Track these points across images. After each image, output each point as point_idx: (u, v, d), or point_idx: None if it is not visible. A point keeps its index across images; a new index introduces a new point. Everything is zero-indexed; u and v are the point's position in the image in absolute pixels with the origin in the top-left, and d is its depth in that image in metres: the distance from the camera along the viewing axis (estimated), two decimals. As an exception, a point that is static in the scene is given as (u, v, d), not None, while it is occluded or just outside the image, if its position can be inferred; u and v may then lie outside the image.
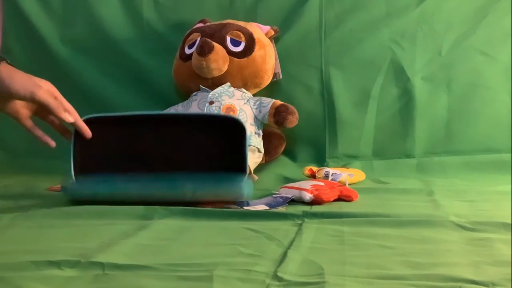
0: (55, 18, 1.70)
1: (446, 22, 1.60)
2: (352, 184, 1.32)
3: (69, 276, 0.68)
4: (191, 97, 1.51)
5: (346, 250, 0.79)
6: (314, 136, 1.60)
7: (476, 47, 1.59)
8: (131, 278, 0.67)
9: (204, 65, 1.43)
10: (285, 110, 1.44)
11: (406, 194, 1.22)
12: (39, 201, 1.12)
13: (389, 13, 1.61)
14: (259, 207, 1.06)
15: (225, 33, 1.49)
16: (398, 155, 1.58)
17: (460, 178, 1.43)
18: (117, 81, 1.67)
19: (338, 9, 1.62)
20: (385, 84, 1.59)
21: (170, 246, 0.82)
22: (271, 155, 1.54)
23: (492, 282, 0.64)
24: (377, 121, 1.59)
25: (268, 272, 0.68)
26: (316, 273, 0.68)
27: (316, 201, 1.11)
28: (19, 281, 0.65)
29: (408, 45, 1.60)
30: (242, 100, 1.47)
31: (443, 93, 1.59)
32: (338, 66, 1.61)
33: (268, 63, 1.52)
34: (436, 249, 0.80)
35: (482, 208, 1.07)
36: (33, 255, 0.74)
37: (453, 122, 1.58)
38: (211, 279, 0.66)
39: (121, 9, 1.69)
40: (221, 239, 0.86)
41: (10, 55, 1.71)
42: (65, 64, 1.68)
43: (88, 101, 1.66)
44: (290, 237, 0.85)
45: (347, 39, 1.61)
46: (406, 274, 0.68)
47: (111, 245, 0.80)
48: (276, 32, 1.58)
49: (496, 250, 0.79)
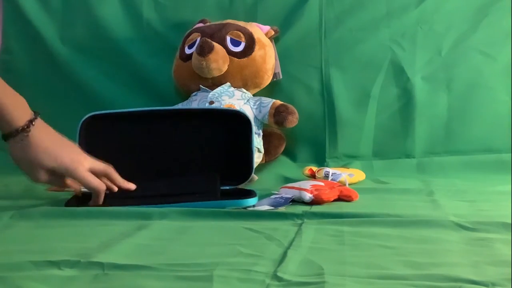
0: (55, 18, 1.70)
1: (446, 22, 1.60)
2: (352, 184, 1.32)
3: (68, 276, 0.68)
4: (191, 97, 1.51)
5: (346, 250, 0.79)
6: (314, 136, 1.60)
7: (476, 47, 1.59)
8: (131, 278, 0.67)
9: (204, 65, 1.43)
10: (285, 110, 1.44)
11: (406, 194, 1.22)
12: (39, 201, 1.11)
13: (389, 13, 1.61)
14: (262, 208, 1.05)
15: (225, 33, 1.49)
16: (398, 155, 1.58)
17: (460, 178, 1.43)
18: (117, 81, 1.67)
19: (338, 9, 1.62)
20: (385, 84, 1.59)
21: (170, 246, 0.82)
22: (271, 155, 1.54)
23: (492, 282, 0.64)
24: (377, 121, 1.59)
25: (268, 272, 0.68)
26: (316, 273, 0.68)
27: (316, 201, 1.11)
28: (18, 281, 0.65)
29: (408, 45, 1.60)
30: (242, 100, 1.47)
31: (443, 93, 1.59)
32: (338, 66, 1.61)
33: (268, 63, 1.52)
34: (436, 249, 0.80)
35: (482, 208, 1.07)
36: (33, 255, 0.74)
37: (453, 122, 1.58)
38: (211, 279, 0.66)
39: (121, 9, 1.69)
40: (221, 239, 0.85)
41: (10, 55, 1.72)
42: (65, 64, 1.68)
43: (88, 101, 1.67)
44: (290, 237, 0.85)
45: (347, 39, 1.61)
46: (406, 274, 0.68)
47: (111, 245, 0.80)
48: (276, 32, 1.58)
49: (496, 250, 0.79)
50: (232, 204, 1.08)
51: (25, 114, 1.00)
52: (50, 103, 1.67)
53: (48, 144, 1.00)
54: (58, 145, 1.02)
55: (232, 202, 1.08)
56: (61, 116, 1.64)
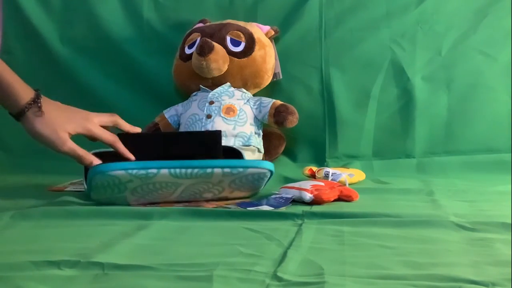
0: (55, 18, 1.70)
1: (446, 22, 1.60)
2: (352, 184, 1.32)
3: (68, 276, 0.68)
4: (191, 97, 1.51)
5: (346, 250, 0.79)
6: (314, 136, 1.60)
7: (476, 47, 1.59)
8: (131, 278, 0.67)
9: (204, 65, 1.43)
10: (285, 110, 1.44)
11: (406, 194, 1.22)
12: (39, 201, 1.11)
13: (389, 13, 1.61)
14: (262, 208, 1.05)
15: (225, 33, 1.49)
16: (398, 155, 1.58)
17: (460, 178, 1.43)
18: (117, 81, 1.68)
19: (338, 9, 1.62)
20: (385, 84, 1.59)
21: (170, 246, 0.82)
22: (271, 155, 1.54)
23: (492, 282, 0.64)
24: (377, 121, 1.59)
25: (268, 272, 0.68)
26: (316, 273, 0.68)
27: (316, 201, 1.11)
28: (18, 281, 0.65)
29: (408, 45, 1.60)
30: (242, 100, 1.47)
31: (443, 93, 1.59)
32: (338, 66, 1.61)
33: (268, 63, 1.52)
34: (436, 249, 0.80)
35: (482, 208, 1.07)
36: (33, 255, 0.74)
37: (453, 122, 1.58)
38: (211, 279, 0.66)
39: (121, 9, 1.69)
40: (221, 239, 0.85)
41: (10, 55, 1.72)
42: (65, 64, 1.68)
43: (88, 101, 1.66)
44: (290, 237, 0.85)
45: (347, 39, 1.61)
46: (406, 274, 0.68)
47: (111, 245, 0.80)
48: (276, 32, 1.58)
49: (496, 250, 0.79)
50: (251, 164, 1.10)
51: (29, 90, 1.08)
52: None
53: (59, 111, 1.09)
54: (67, 109, 1.11)
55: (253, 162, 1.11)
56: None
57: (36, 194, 1.20)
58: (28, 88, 1.08)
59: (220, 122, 1.41)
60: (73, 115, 1.10)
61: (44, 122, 1.06)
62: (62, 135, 1.07)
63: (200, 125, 1.41)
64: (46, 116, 1.06)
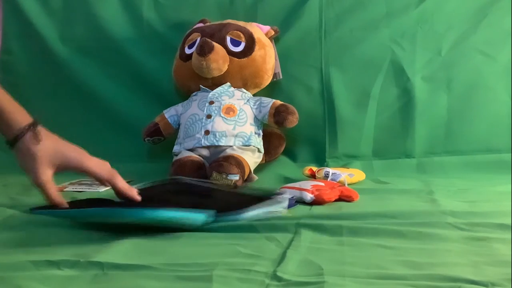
0: (55, 18, 1.70)
1: (446, 22, 1.60)
2: (352, 184, 1.32)
3: (68, 276, 0.68)
4: (191, 97, 1.51)
5: (346, 250, 0.79)
6: (314, 136, 1.60)
7: (476, 47, 1.59)
8: (130, 278, 0.67)
9: (204, 65, 1.43)
10: (285, 110, 1.44)
11: (406, 194, 1.22)
12: (38, 201, 1.11)
13: (389, 13, 1.61)
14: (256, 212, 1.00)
15: (225, 33, 1.49)
16: (398, 155, 1.58)
17: (460, 178, 1.43)
18: (117, 81, 1.68)
19: (338, 9, 1.62)
20: (385, 84, 1.59)
21: (170, 246, 0.82)
22: (271, 155, 1.54)
23: (491, 282, 0.64)
24: (377, 121, 1.59)
25: (267, 272, 0.68)
26: (316, 273, 0.68)
27: (317, 202, 1.11)
28: (18, 281, 0.65)
29: (408, 45, 1.60)
30: (242, 100, 1.47)
31: (443, 93, 1.59)
32: (338, 66, 1.61)
33: (268, 63, 1.52)
34: (436, 249, 0.80)
35: (482, 208, 1.07)
36: (33, 255, 0.74)
37: (453, 122, 1.58)
38: (210, 279, 0.66)
39: (121, 9, 1.69)
40: (221, 239, 0.85)
41: (10, 55, 1.72)
42: (65, 64, 1.68)
43: (88, 100, 1.67)
44: (289, 237, 0.85)
45: (347, 39, 1.61)
46: (406, 274, 0.68)
47: (111, 245, 0.80)
48: (276, 32, 1.58)
49: (496, 250, 0.79)
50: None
51: (26, 117, 1.01)
52: (50, 103, 1.68)
53: (55, 144, 1.01)
54: (64, 144, 1.03)
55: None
56: (62, 116, 1.65)
57: (35, 194, 1.20)
58: (24, 116, 1.00)
59: (220, 122, 1.41)
60: (69, 148, 1.00)
61: (35, 150, 0.97)
62: (44, 168, 0.97)
63: (200, 125, 1.41)
64: (40, 144, 0.98)
